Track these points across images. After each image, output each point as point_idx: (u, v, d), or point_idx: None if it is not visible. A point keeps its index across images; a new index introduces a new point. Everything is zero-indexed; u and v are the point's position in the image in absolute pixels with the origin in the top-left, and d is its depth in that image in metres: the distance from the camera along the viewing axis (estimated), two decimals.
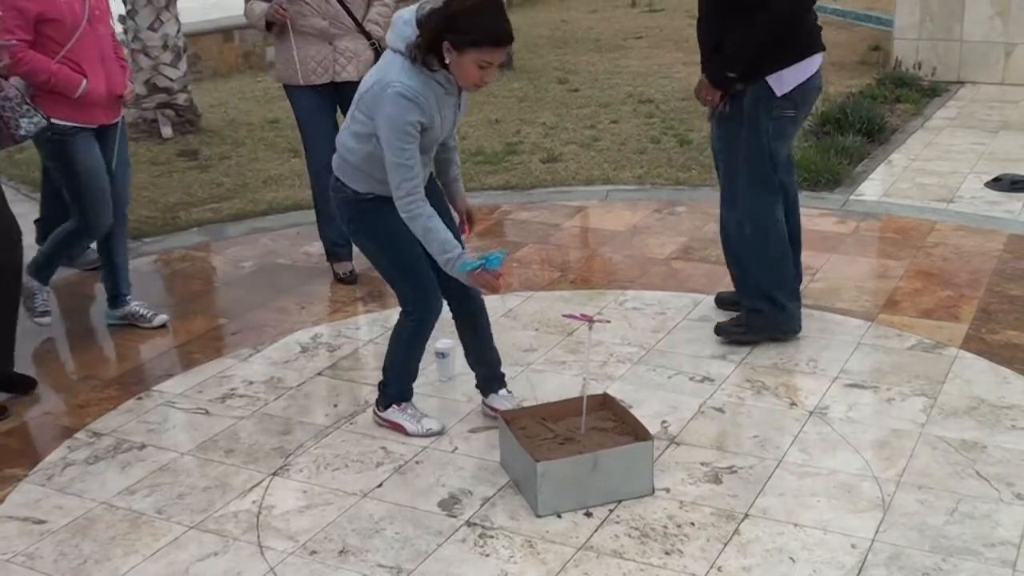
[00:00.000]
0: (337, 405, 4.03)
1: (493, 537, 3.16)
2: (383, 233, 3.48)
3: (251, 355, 4.50)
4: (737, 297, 4.62)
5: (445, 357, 4.11)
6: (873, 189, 6.60)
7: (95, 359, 4.58)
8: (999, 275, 5.09)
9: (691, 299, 4.90)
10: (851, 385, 4.04)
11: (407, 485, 3.45)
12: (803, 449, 3.60)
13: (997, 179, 6.56)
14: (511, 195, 6.75)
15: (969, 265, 5.24)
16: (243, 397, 4.13)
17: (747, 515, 3.23)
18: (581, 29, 14.23)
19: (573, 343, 4.46)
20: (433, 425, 3.75)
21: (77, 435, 3.87)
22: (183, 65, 8.94)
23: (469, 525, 3.22)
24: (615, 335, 4.53)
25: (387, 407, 3.79)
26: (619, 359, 4.32)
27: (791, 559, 3.01)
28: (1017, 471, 3.41)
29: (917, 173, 6.89)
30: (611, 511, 3.26)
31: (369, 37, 5.06)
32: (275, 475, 3.55)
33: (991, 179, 6.60)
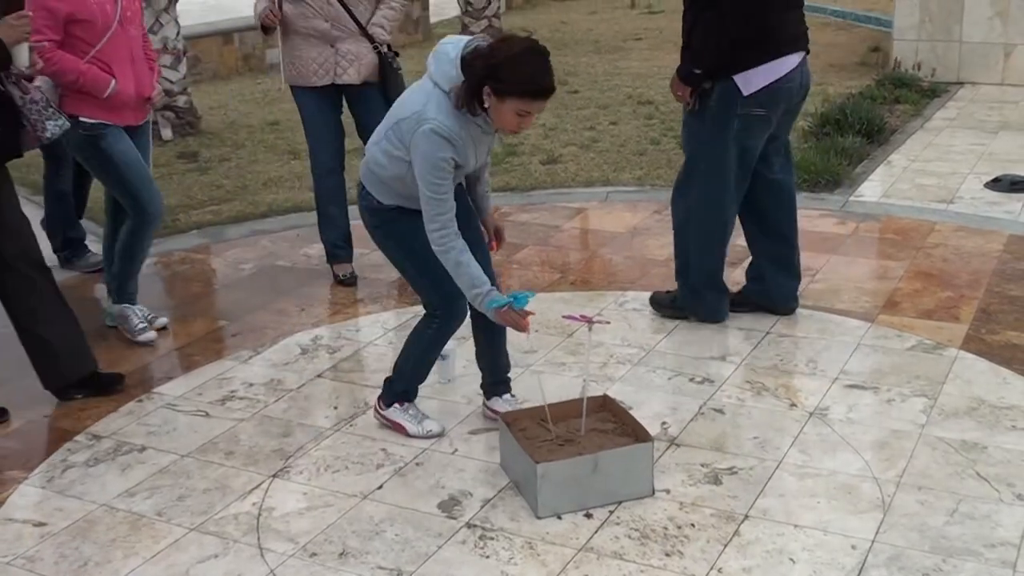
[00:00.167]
0: (337, 407, 4.03)
1: (493, 539, 3.16)
2: (409, 240, 3.48)
3: (251, 357, 4.50)
4: (739, 298, 4.72)
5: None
6: (873, 190, 6.60)
7: (92, 353, 4.56)
8: (999, 276, 5.09)
9: None
10: (851, 386, 4.04)
11: (407, 487, 3.45)
12: (803, 450, 3.60)
13: (997, 180, 6.56)
14: (511, 197, 6.74)
15: (969, 266, 5.24)
16: (243, 399, 4.13)
17: (747, 516, 3.23)
18: (580, 31, 14.24)
19: (573, 344, 4.46)
20: (434, 427, 3.75)
21: (77, 437, 3.87)
22: (183, 67, 8.94)
23: (469, 527, 3.22)
24: (615, 336, 4.53)
25: (390, 405, 3.79)
26: (619, 360, 4.32)
27: (791, 560, 3.01)
28: (1017, 472, 3.41)
29: (917, 174, 6.90)
30: (611, 512, 3.26)
31: (372, 40, 5.04)
32: (275, 477, 3.55)
33: (991, 180, 6.60)
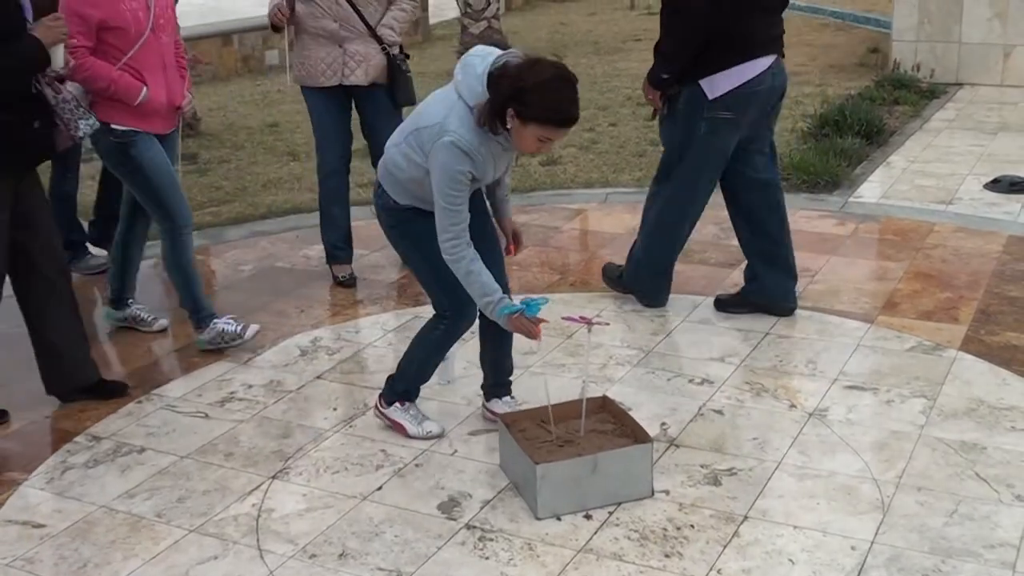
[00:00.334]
0: (337, 408, 4.03)
1: (493, 540, 3.16)
2: (423, 241, 3.48)
3: (250, 358, 4.50)
4: (738, 299, 4.75)
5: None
6: (872, 191, 6.60)
7: (95, 362, 4.56)
8: (998, 276, 5.09)
9: (690, 301, 4.90)
10: (850, 387, 4.04)
11: (407, 488, 3.45)
12: (802, 451, 3.60)
13: (996, 180, 6.57)
14: (510, 198, 6.70)
15: (968, 267, 5.24)
16: (243, 401, 4.13)
17: (746, 517, 3.23)
18: (580, 32, 14.24)
19: (572, 345, 4.46)
20: (434, 428, 3.75)
21: (76, 439, 3.87)
22: None
23: (469, 528, 3.22)
24: (614, 337, 4.53)
25: (391, 404, 3.79)
26: (618, 361, 4.32)
27: (791, 561, 3.01)
28: (1017, 472, 3.41)
29: (916, 175, 6.90)
30: (611, 513, 3.26)
31: (381, 42, 5.04)
32: (275, 478, 3.55)
33: (990, 181, 6.60)
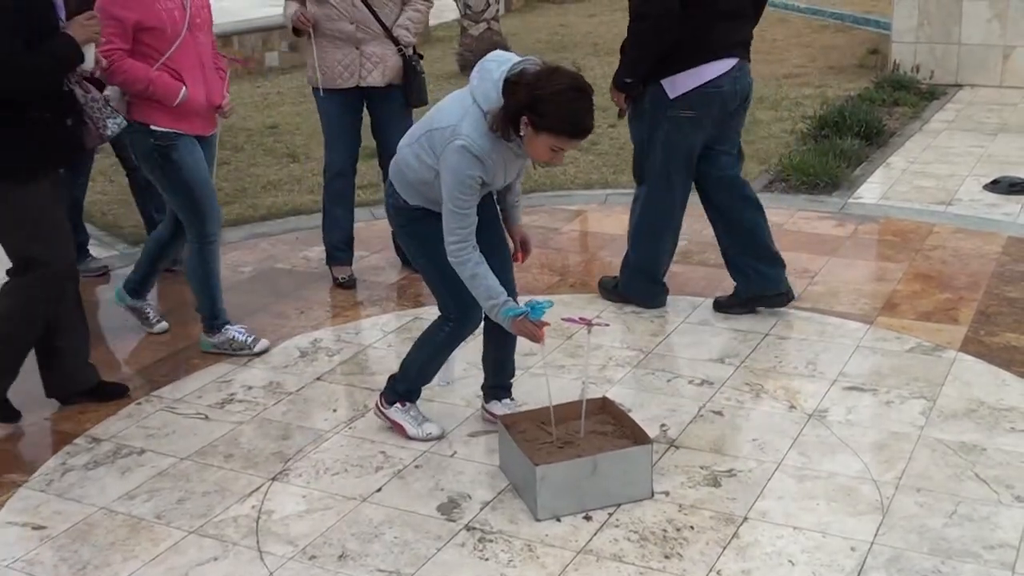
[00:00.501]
0: (336, 410, 4.03)
1: (492, 541, 3.16)
2: (431, 243, 3.48)
3: (250, 360, 4.50)
4: (734, 299, 4.78)
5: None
6: (872, 192, 6.60)
7: (95, 365, 4.57)
8: (998, 277, 5.09)
9: (690, 302, 4.90)
10: (850, 388, 4.04)
11: (406, 489, 3.46)
12: (802, 452, 3.60)
13: (995, 181, 6.57)
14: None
15: (968, 268, 5.24)
16: (242, 402, 4.13)
17: (746, 518, 3.23)
18: (580, 33, 14.23)
19: (572, 347, 4.47)
20: (433, 430, 3.75)
21: (76, 440, 3.87)
22: None
23: (468, 529, 3.22)
24: (614, 339, 4.53)
25: (392, 404, 3.79)
26: (618, 363, 4.32)
27: (790, 562, 3.01)
28: (1016, 473, 3.42)
29: (916, 176, 6.90)
30: (610, 515, 3.26)
31: (397, 43, 5.04)
32: (274, 480, 3.55)
33: (989, 182, 6.60)
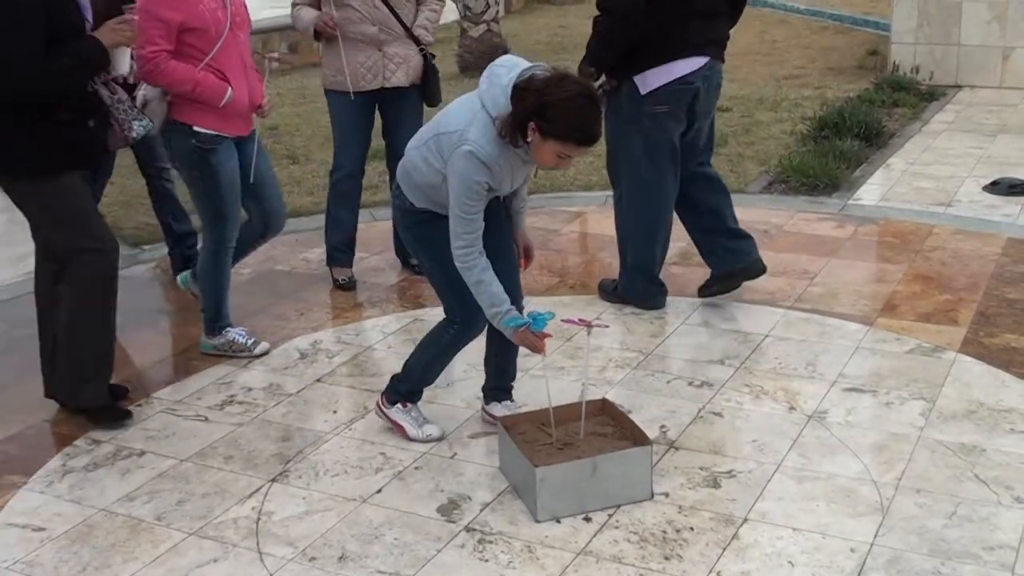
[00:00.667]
0: (336, 411, 4.03)
1: (492, 542, 3.16)
2: (437, 246, 3.48)
3: (250, 362, 4.50)
4: (712, 281, 4.91)
5: None
6: (871, 193, 6.60)
7: None
8: (997, 279, 5.10)
9: (689, 304, 4.90)
10: (850, 389, 4.04)
11: (406, 491, 3.46)
12: (802, 453, 3.60)
13: (995, 183, 6.57)
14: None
15: (967, 269, 5.24)
16: (242, 404, 4.13)
17: (746, 519, 3.23)
18: (579, 35, 14.17)
19: (572, 348, 4.47)
20: (434, 431, 3.75)
21: (76, 442, 3.87)
22: None
23: (468, 530, 3.22)
24: (614, 340, 4.53)
25: (393, 404, 3.79)
26: (618, 364, 4.32)
27: (790, 563, 3.01)
28: (1016, 474, 3.42)
29: (915, 177, 6.90)
30: (610, 516, 3.26)
31: (418, 42, 5.05)
32: (274, 481, 3.55)
33: (989, 183, 6.60)
